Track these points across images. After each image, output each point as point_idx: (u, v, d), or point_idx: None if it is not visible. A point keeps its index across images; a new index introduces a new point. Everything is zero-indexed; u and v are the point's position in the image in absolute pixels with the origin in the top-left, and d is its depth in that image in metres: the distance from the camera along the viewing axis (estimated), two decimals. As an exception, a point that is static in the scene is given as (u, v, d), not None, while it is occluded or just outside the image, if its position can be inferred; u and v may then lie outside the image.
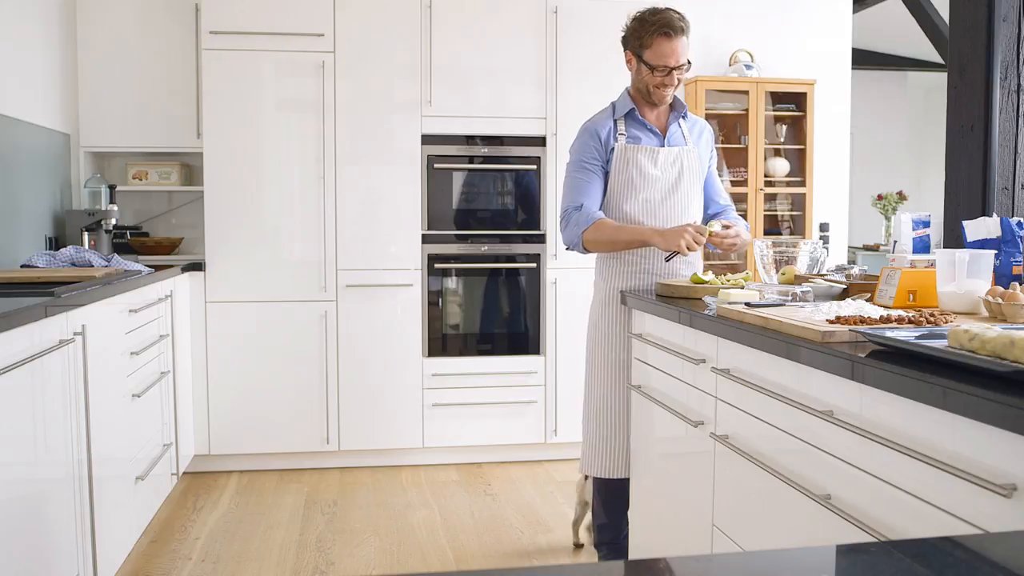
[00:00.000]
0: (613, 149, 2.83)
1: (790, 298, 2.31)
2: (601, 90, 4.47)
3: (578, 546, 3.34)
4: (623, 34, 2.86)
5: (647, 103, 2.87)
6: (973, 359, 1.39)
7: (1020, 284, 1.95)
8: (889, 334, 1.63)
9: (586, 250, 2.84)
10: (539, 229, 4.45)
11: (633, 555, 3.00)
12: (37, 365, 2.23)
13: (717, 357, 2.24)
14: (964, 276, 2.00)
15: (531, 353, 4.46)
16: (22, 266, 3.41)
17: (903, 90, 9.88)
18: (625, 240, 2.78)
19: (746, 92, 4.93)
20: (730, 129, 5.14)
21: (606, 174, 2.85)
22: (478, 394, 4.40)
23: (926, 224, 2.64)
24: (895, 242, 2.69)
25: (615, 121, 2.86)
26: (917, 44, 8.10)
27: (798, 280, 2.60)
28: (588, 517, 3.24)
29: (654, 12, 2.77)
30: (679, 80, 2.81)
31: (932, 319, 1.80)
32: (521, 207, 4.45)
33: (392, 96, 4.30)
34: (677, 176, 2.89)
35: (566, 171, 2.91)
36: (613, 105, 2.91)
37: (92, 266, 3.46)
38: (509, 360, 4.44)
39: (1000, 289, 1.90)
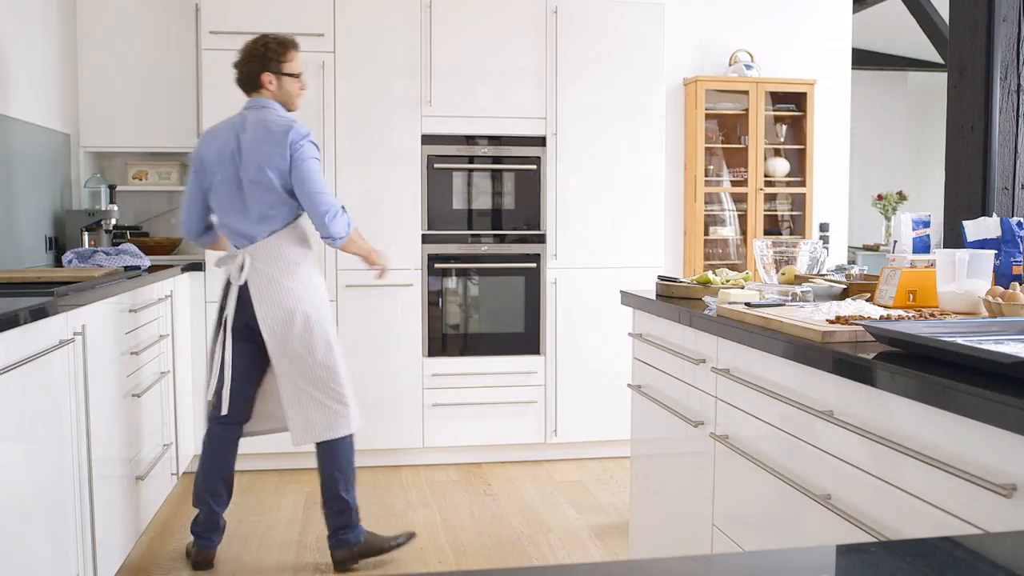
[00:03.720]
0: None
1: (790, 298, 2.31)
2: (601, 90, 4.48)
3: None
4: (249, 67, 3.14)
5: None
6: (977, 352, 1.39)
7: (1020, 284, 1.95)
8: (897, 327, 1.63)
9: (337, 246, 3.05)
10: (539, 229, 4.45)
11: (633, 555, 3.00)
12: (37, 365, 2.23)
13: (717, 357, 2.24)
14: (964, 276, 2.00)
15: (531, 353, 4.46)
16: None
17: (903, 90, 9.88)
18: (362, 248, 3.14)
19: (746, 92, 4.93)
20: (730, 129, 5.15)
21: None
22: (478, 394, 4.40)
23: (926, 224, 2.64)
24: (895, 242, 2.69)
25: None
26: (917, 44, 8.10)
27: (798, 280, 2.60)
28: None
29: (273, 37, 3.16)
30: None
31: (932, 319, 1.80)
32: (521, 207, 4.45)
33: (392, 96, 4.30)
34: None
35: (314, 165, 3.03)
36: (286, 117, 3.11)
37: (101, 266, 3.47)
38: (509, 360, 4.44)
39: (1000, 289, 1.90)
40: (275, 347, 3.04)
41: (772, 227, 5.16)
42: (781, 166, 5.10)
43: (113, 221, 4.10)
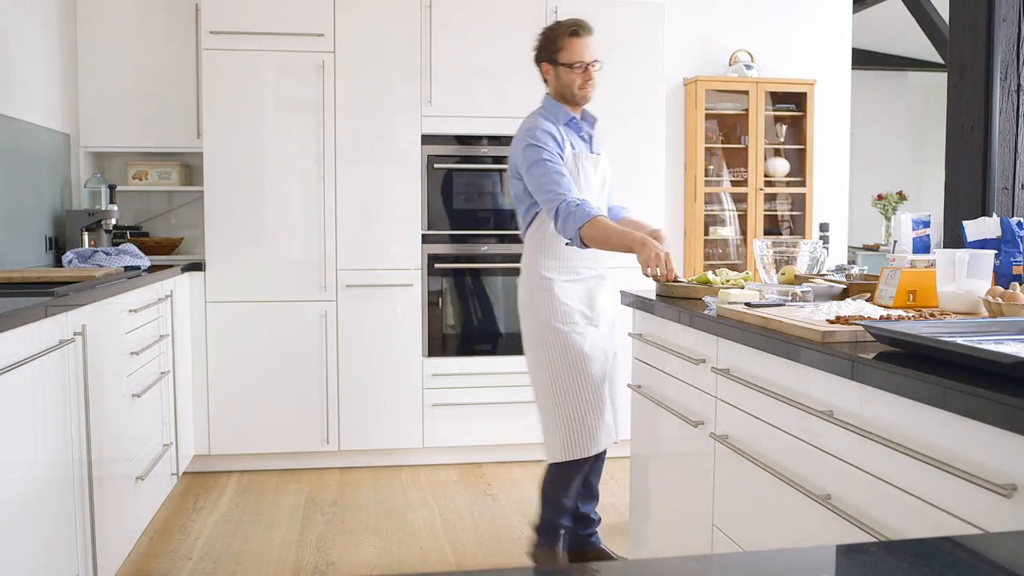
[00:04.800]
0: (562, 156, 2.85)
1: (790, 298, 2.31)
2: (601, 90, 4.46)
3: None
4: (534, 54, 3.00)
5: (573, 107, 2.96)
6: (977, 352, 1.39)
7: (1020, 284, 1.95)
8: (897, 327, 1.63)
9: (585, 245, 2.74)
10: (539, 229, 4.45)
11: (633, 555, 3.00)
12: (37, 365, 2.23)
13: (717, 357, 2.24)
14: (964, 276, 2.00)
15: (531, 353, 4.45)
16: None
17: (903, 90, 9.88)
18: (615, 243, 2.69)
19: (746, 92, 4.93)
20: (730, 129, 5.14)
21: None
22: (478, 394, 4.40)
23: (926, 224, 2.64)
24: (895, 242, 2.69)
25: (558, 128, 2.89)
26: (917, 44, 8.10)
27: (798, 280, 2.60)
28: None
29: (555, 23, 2.99)
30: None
31: (932, 319, 1.80)
32: (521, 207, 4.45)
33: (392, 96, 4.30)
34: (602, 182, 2.99)
35: (536, 161, 2.79)
36: (544, 111, 2.94)
37: (101, 267, 3.47)
38: (509, 360, 4.43)
39: (1000, 289, 1.90)
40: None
41: (772, 227, 5.15)
42: (781, 166, 5.10)
43: (113, 221, 4.10)
